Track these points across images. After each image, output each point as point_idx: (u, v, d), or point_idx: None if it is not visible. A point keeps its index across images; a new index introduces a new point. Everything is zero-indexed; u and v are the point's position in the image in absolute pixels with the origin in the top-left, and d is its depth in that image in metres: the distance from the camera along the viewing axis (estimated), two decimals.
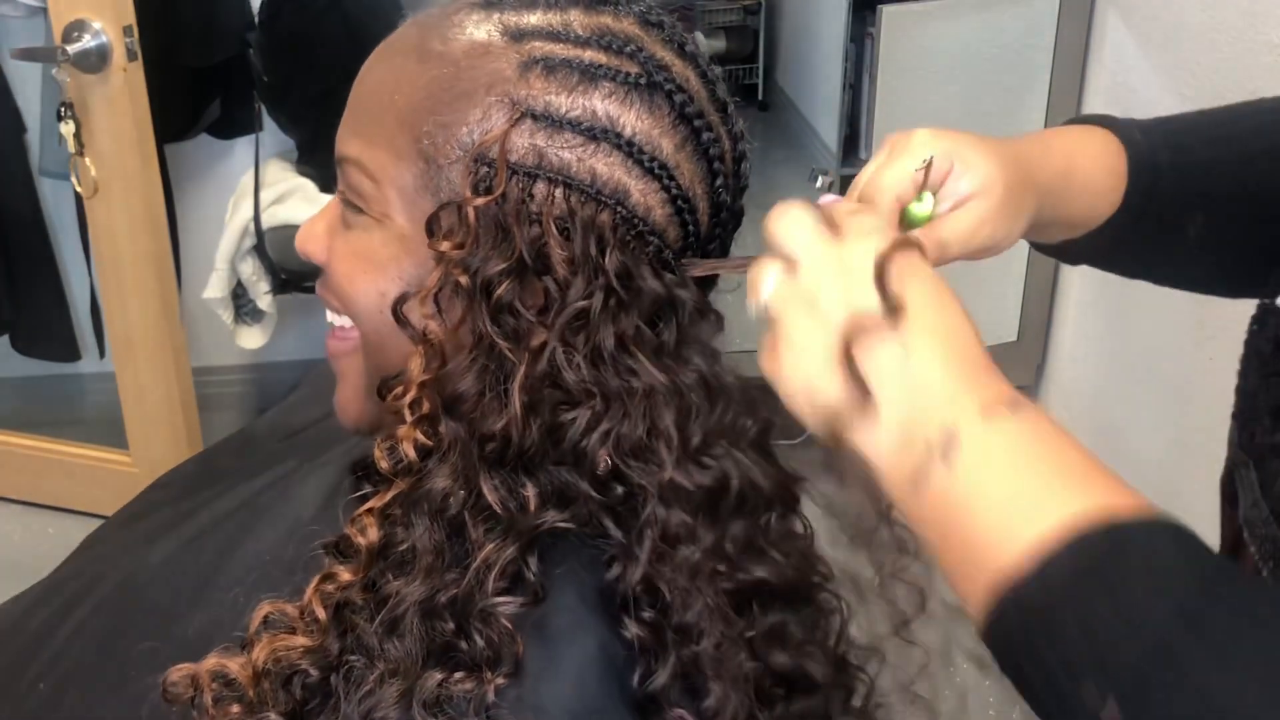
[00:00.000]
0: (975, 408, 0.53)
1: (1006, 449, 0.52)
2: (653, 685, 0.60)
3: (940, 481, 0.52)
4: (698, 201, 0.65)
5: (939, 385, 0.53)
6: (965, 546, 0.51)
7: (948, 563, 0.53)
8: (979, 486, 0.51)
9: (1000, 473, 0.51)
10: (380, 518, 0.62)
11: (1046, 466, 0.52)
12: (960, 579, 0.52)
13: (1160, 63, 2.04)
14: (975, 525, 0.51)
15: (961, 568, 0.52)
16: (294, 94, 2.31)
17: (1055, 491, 0.50)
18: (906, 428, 0.53)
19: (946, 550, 0.53)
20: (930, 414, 0.53)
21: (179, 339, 2.17)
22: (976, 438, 0.52)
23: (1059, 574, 0.48)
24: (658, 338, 0.63)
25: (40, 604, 0.85)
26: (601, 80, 0.62)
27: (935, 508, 0.52)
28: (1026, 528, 0.49)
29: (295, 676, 0.60)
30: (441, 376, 0.62)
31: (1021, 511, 0.50)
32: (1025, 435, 0.52)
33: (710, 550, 0.62)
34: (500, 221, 0.61)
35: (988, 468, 0.52)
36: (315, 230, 0.70)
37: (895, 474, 0.54)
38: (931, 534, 0.53)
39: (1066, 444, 0.52)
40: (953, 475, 0.52)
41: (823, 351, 0.54)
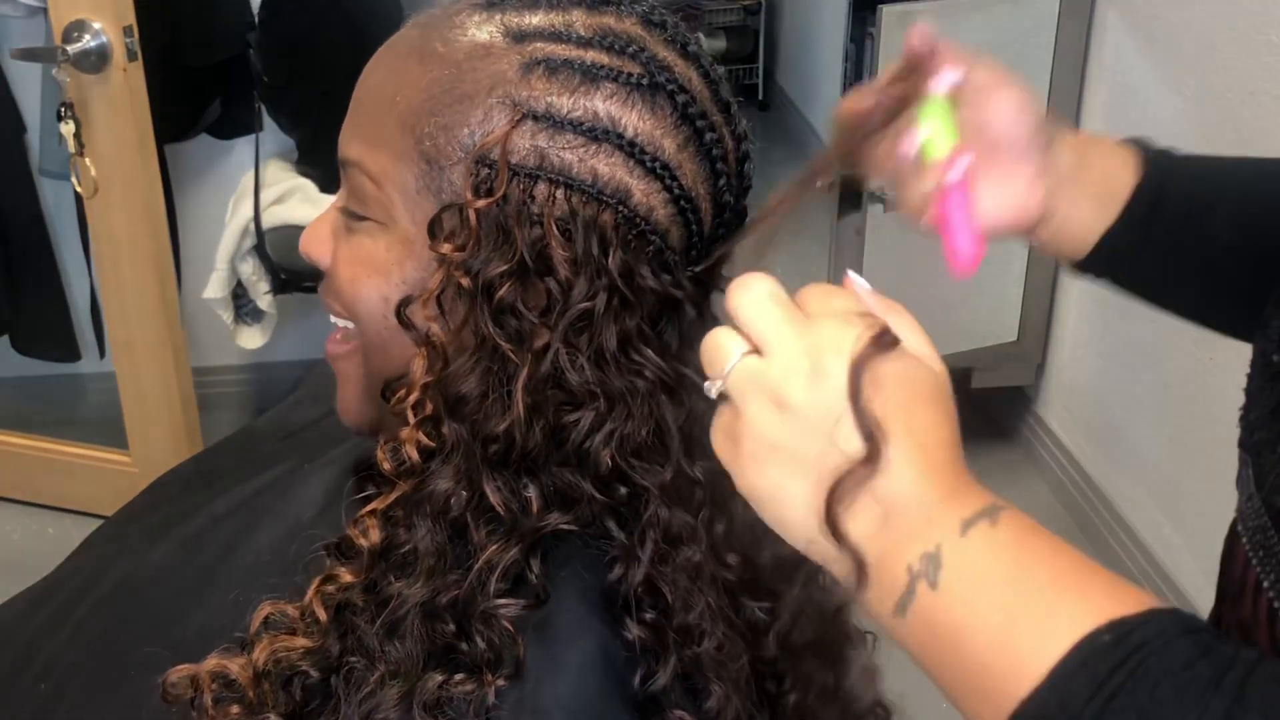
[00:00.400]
0: (955, 526, 0.50)
1: (993, 565, 0.50)
2: (653, 686, 0.60)
3: (928, 606, 0.50)
4: (700, 201, 0.65)
5: (915, 506, 0.50)
6: (967, 671, 0.49)
7: (946, 684, 0.51)
8: (972, 609, 0.49)
9: (991, 592, 0.49)
10: (382, 519, 0.61)
11: (1040, 577, 0.49)
12: (966, 701, 0.50)
13: (1160, 63, 2.04)
14: (975, 649, 0.49)
15: (966, 691, 0.50)
16: (294, 94, 2.31)
17: (1053, 604, 0.48)
18: (885, 554, 0.51)
19: (944, 673, 0.50)
20: (910, 539, 0.50)
21: (179, 339, 2.17)
22: (960, 558, 0.50)
23: (1078, 696, 0.46)
24: (660, 338, 0.63)
25: (40, 604, 0.85)
26: (603, 81, 0.62)
27: (927, 632, 0.50)
28: (1032, 646, 0.47)
29: (295, 678, 0.60)
30: (444, 378, 0.61)
31: (1024, 630, 0.48)
32: (1010, 546, 0.50)
33: (712, 550, 0.62)
34: (502, 223, 0.61)
35: (977, 588, 0.49)
36: (319, 233, 0.70)
37: (876, 601, 0.51)
38: (923, 657, 0.51)
39: (1052, 548, 0.50)
40: (941, 600, 0.49)
41: (797, 482, 0.52)
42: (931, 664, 0.51)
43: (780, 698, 0.65)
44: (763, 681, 0.64)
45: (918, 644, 0.51)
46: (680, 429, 0.62)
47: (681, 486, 0.62)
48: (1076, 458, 2.43)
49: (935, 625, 0.50)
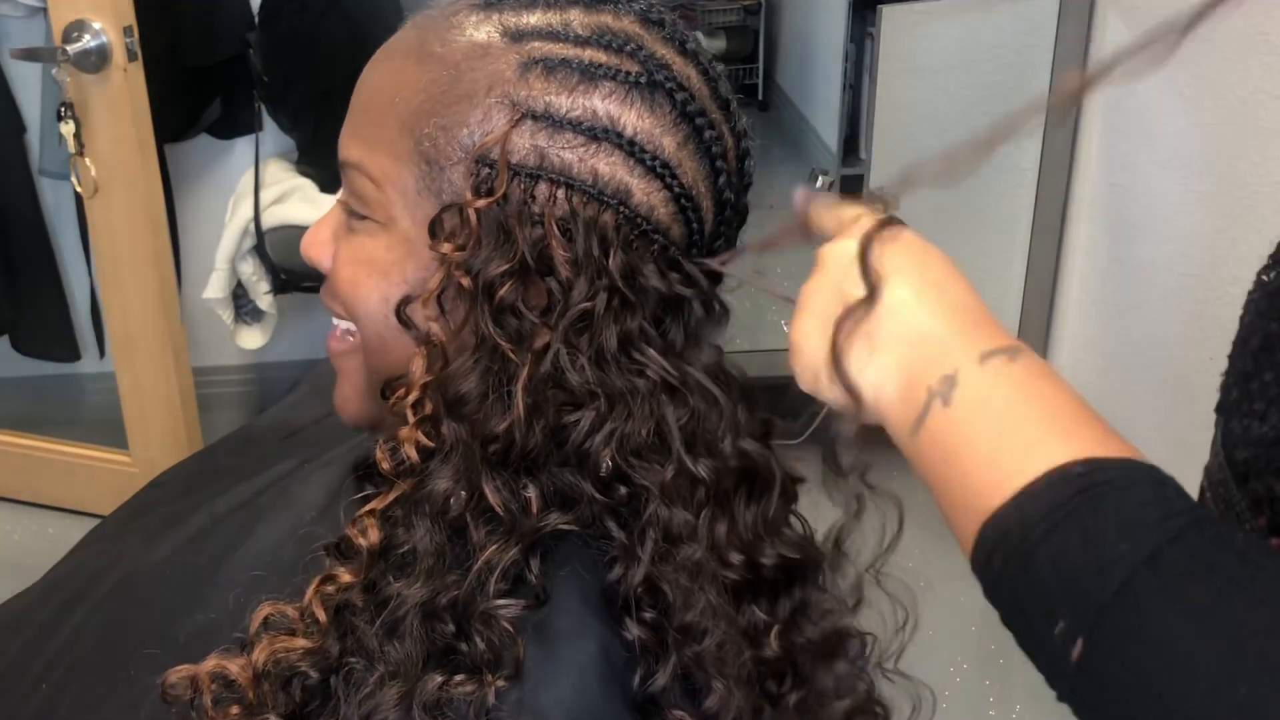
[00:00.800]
0: (974, 354, 0.55)
1: (1002, 393, 0.54)
2: (653, 686, 0.60)
3: (938, 423, 0.54)
4: (701, 199, 0.65)
5: (937, 336, 0.56)
6: (959, 485, 0.53)
7: (944, 502, 0.55)
8: (974, 428, 0.53)
9: (994, 416, 0.53)
10: (381, 519, 0.61)
11: (1038, 411, 0.53)
12: (954, 517, 0.54)
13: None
14: (968, 465, 0.53)
15: (955, 506, 0.54)
16: (294, 94, 2.31)
17: (1043, 436, 0.52)
18: (910, 377, 0.55)
19: (942, 490, 0.55)
20: (930, 363, 0.55)
21: (179, 339, 2.17)
22: (974, 382, 0.54)
23: (1036, 513, 0.50)
24: (663, 337, 0.63)
25: (39, 603, 0.85)
26: (602, 80, 0.62)
27: (933, 449, 0.55)
28: (1013, 469, 0.51)
29: (295, 678, 0.60)
30: (444, 378, 0.61)
31: (1010, 453, 0.52)
32: (1021, 381, 0.54)
33: (712, 548, 0.62)
34: (502, 223, 0.61)
35: (983, 410, 0.54)
36: (320, 236, 0.70)
37: (899, 420, 0.56)
38: (929, 475, 0.55)
39: (1060, 391, 0.54)
40: (950, 418, 0.54)
41: (815, 326, 0.58)
42: (934, 481, 0.55)
43: (781, 698, 0.64)
44: (764, 681, 0.63)
45: (925, 461, 0.55)
46: (683, 428, 0.62)
47: (682, 485, 0.61)
48: None
49: (939, 441, 0.54)
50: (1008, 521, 0.50)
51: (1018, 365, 0.55)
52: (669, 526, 0.61)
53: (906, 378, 0.56)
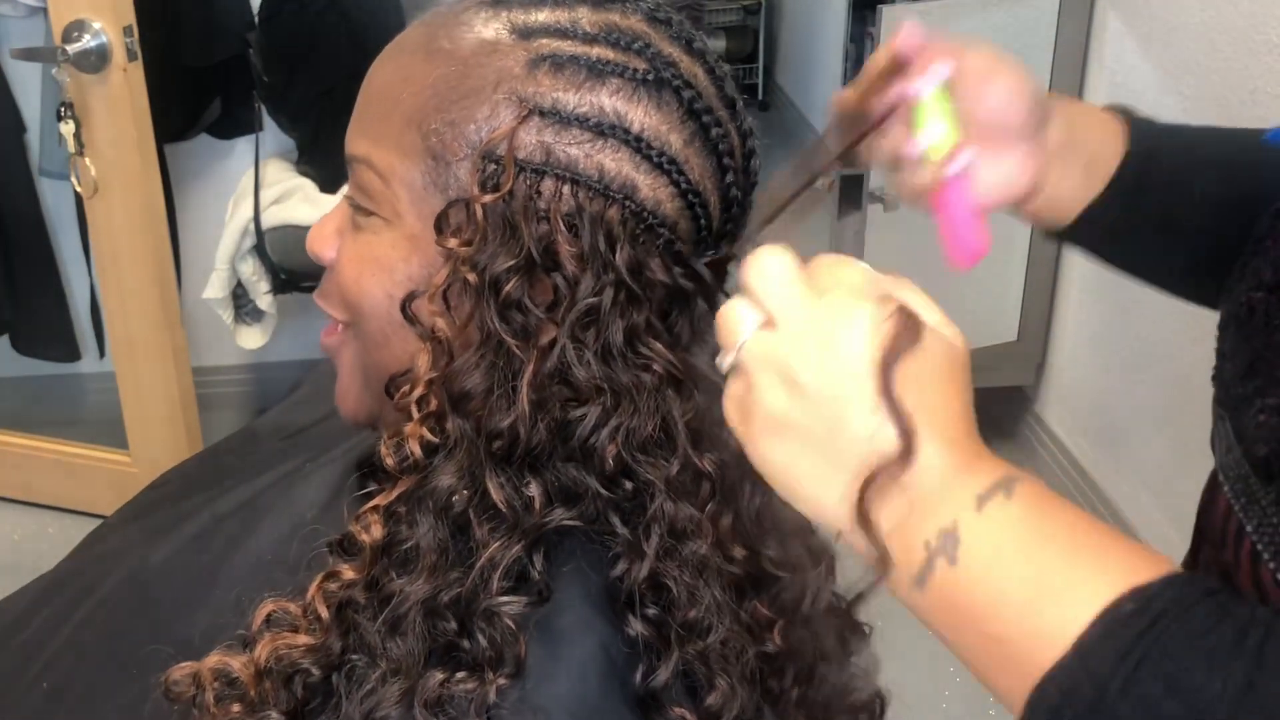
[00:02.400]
0: (969, 500, 0.51)
1: (1012, 539, 0.50)
2: (654, 682, 0.60)
3: (947, 580, 0.50)
4: (708, 196, 0.65)
5: (931, 485, 0.51)
6: (990, 645, 0.50)
7: (972, 659, 0.51)
8: (994, 585, 0.50)
9: (1014, 567, 0.50)
10: (385, 515, 0.61)
11: (1058, 549, 0.50)
12: (992, 675, 0.51)
13: (1160, 63, 2.04)
14: (998, 624, 0.49)
15: (992, 664, 0.50)
16: (294, 94, 2.31)
17: (1075, 576, 0.49)
18: (904, 531, 0.51)
19: (968, 646, 0.51)
20: (926, 515, 0.51)
21: (179, 339, 2.17)
22: (979, 533, 0.50)
23: (1104, 666, 0.47)
24: (669, 331, 0.63)
25: (41, 602, 0.85)
26: (609, 77, 0.62)
27: (947, 606, 0.51)
28: (1057, 621, 0.48)
29: (297, 675, 0.60)
30: (449, 374, 0.61)
31: (1047, 605, 0.49)
32: (1027, 518, 0.51)
33: (716, 544, 0.62)
34: (508, 218, 0.61)
35: (999, 564, 0.50)
36: (325, 231, 0.70)
37: (897, 574, 0.52)
38: (943, 631, 0.52)
39: (1069, 517, 0.51)
40: (963, 576, 0.50)
41: (808, 460, 0.52)
42: (952, 637, 0.51)
43: (783, 693, 0.65)
44: (765, 678, 0.64)
45: (937, 618, 0.51)
46: (688, 423, 0.62)
47: (687, 480, 0.62)
48: (1076, 458, 2.43)
49: (956, 601, 0.50)
50: (1073, 680, 0.47)
51: (1015, 502, 0.50)
52: (674, 522, 0.61)
53: (900, 530, 0.51)
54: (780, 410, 0.52)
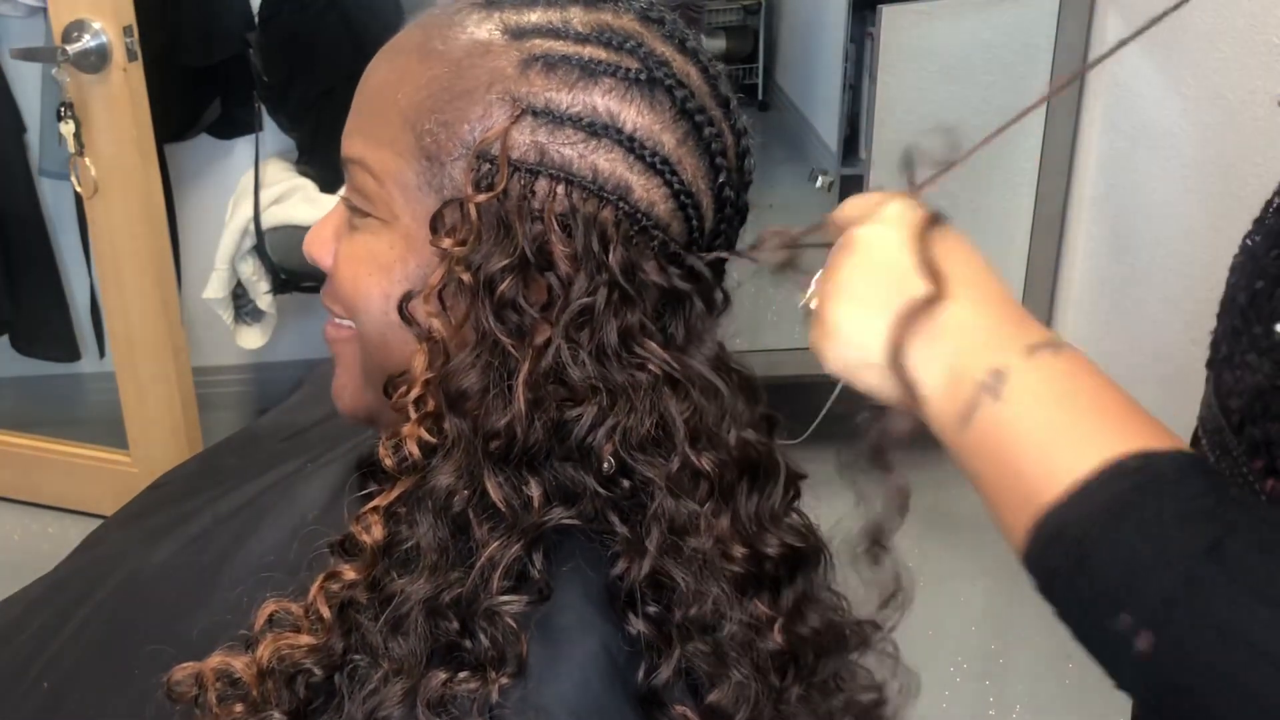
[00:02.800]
0: (1021, 348, 0.56)
1: (1051, 385, 0.55)
2: (656, 681, 0.60)
3: (989, 415, 0.55)
4: (701, 196, 0.65)
5: (985, 330, 0.57)
6: (1010, 477, 0.54)
7: (992, 495, 0.55)
8: (1025, 420, 0.54)
9: (1046, 410, 0.54)
10: (385, 516, 0.62)
11: (1088, 404, 0.54)
12: (1004, 510, 0.55)
13: (1160, 63, 2.04)
14: (1021, 457, 0.54)
15: (1006, 499, 0.54)
16: (294, 94, 2.31)
17: (1095, 428, 0.53)
18: (956, 370, 0.56)
19: (992, 483, 0.55)
20: (978, 356, 0.56)
21: (179, 339, 2.17)
22: (1023, 375, 0.55)
23: (1094, 506, 0.51)
24: (663, 331, 0.63)
25: (42, 603, 0.85)
26: (602, 76, 0.62)
27: (983, 441, 0.55)
28: (1067, 461, 0.52)
29: (299, 675, 0.60)
30: (445, 374, 0.62)
31: (1063, 446, 0.53)
32: (1068, 374, 0.55)
33: (718, 542, 0.62)
34: (502, 218, 0.61)
35: (1035, 405, 0.54)
36: (322, 234, 0.70)
37: (945, 413, 0.57)
38: (978, 467, 0.56)
39: (1104, 384, 0.55)
40: (1001, 409, 0.54)
41: (870, 318, 0.59)
42: (982, 476, 0.56)
43: (783, 691, 0.65)
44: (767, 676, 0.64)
45: (973, 455, 0.56)
46: (686, 421, 0.62)
47: (686, 478, 0.62)
48: None
49: (990, 434, 0.55)
50: (1065, 517, 0.51)
51: (1062, 358, 0.56)
52: (674, 519, 0.61)
53: (952, 370, 0.56)
54: (839, 305, 0.60)
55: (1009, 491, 0.54)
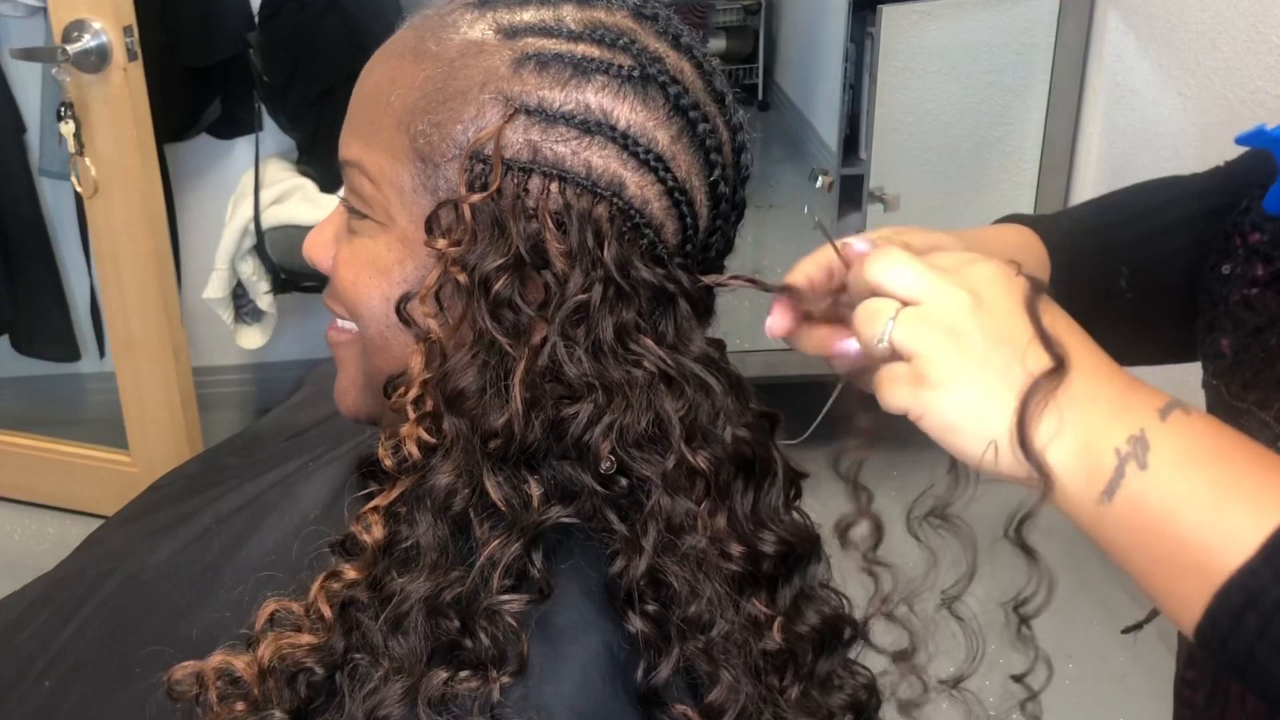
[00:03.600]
0: (1152, 413, 0.54)
1: (1198, 446, 0.53)
2: (656, 679, 0.60)
3: (1137, 486, 0.52)
4: (695, 193, 0.65)
5: (1109, 400, 0.54)
6: (1175, 550, 0.52)
7: (1149, 568, 0.53)
8: (1182, 485, 0.52)
9: (1202, 471, 0.52)
10: (385, 515, 0.62)
11: (1243, 461, 0.52)
12: (1168, 582, 0.52)
13: (1160, 63, 2.04)
14: (1185, 525, 0.51)
15: (1169, 570, 0.52)
16: (294, 94, 2.31)
17: (1262, 484, 0.51)
18: (1089, 444, 0.54)
19: (1148, 555, 0.53)
20: (1111, 427, 0.54)
21: (179, 339, 2.17)
22: (1167, 438, 0.53)
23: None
24: (655, 328, 0.63)
25: (43, 603, 0.85)
26: (594, 74, 0.62)
27: (1134, 513, 0.53)
28: (1245, 523, 0.50)
29: (300, 674, 0.60)
30: (443, 374, 0.62)
31: (1236, 508, 0.51)
32: (1208, 432, 0.54)
33: (715, 540, 0.62)
34: (497, 217, 0.61)
35: (1189, 468, 0.52)
36: (322, 237, 0.70)
37: (1082, 490, 0.54)
38: (1127, 541, 0.53)
39: (1245, 440, 0.54)
40: (1150, 478, 0.52)
41: (990, 398, 0.55)
42: (1135, 549, 0.53)
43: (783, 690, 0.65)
44: (766, 675, 0.64)
45: (1124, 529, 0.53)
46: (682, 419, 0.62)
47: (683, 476, 0.62)
48: None
49: (1144, 505, 0.52)
50: (1260, 579, 0.49)
51: (1194, 417, 0.54)
52: (671, 517, 0.61)
53: (1085, 445, 0.54)
54: (954, 365, 0.56)
55: (1171, 560, 0.52)
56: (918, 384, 0.57)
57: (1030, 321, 0.56)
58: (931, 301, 0.57)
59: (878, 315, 0.58)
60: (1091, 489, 0.54)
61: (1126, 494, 0.53)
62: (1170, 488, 0.52)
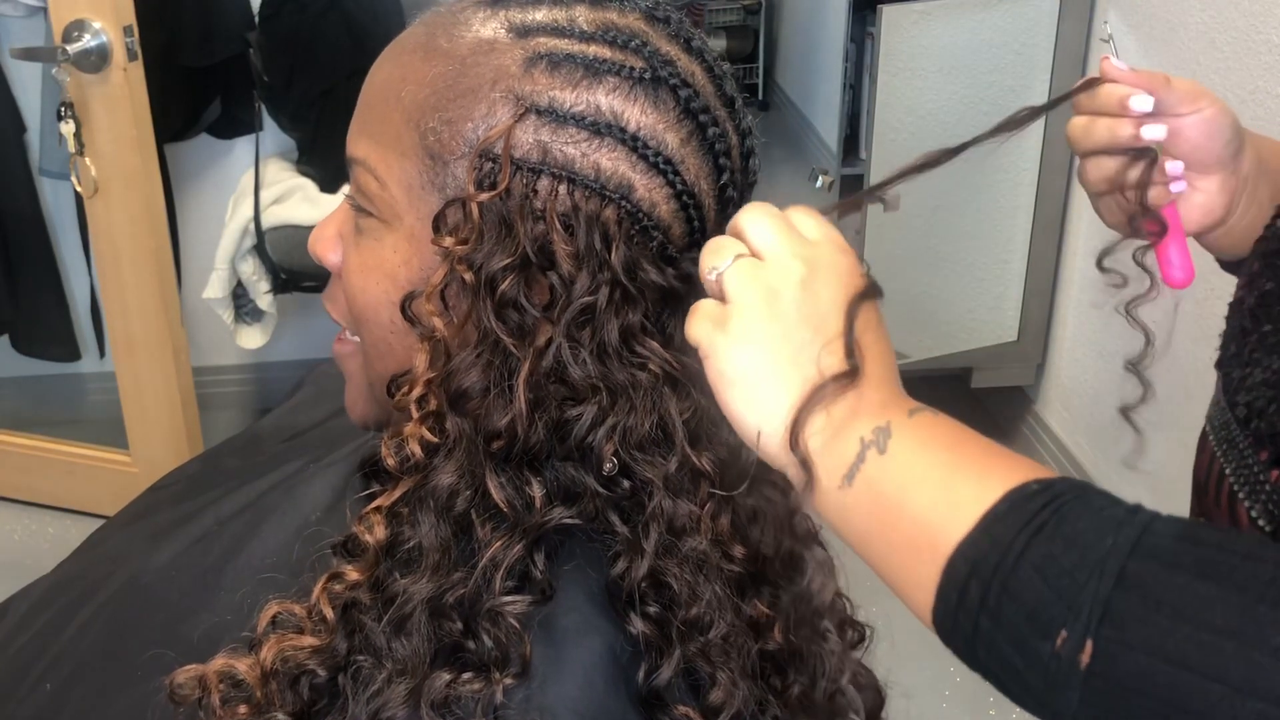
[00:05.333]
0: (903, 410, 0.57)
1: (935, 435, 0.56)
2: (657, 681, 0.60)
3: (875, 470, 0.55)
4: (703, 197, 0.65)
5: (873, 403, 0.57)
6: (909, 527, 0.53)
7: (885, 551, 0.55)
8: (915, 469, 0.54)
9: (937, 455, 0.55)
10: (387, 515, 0.61)
11: (976, 448, 0.55)
12: (903, 562, 0.54)
13: (1160, 63, 2.04)
14: (917, 505, 0.53)
15: (903, 550, 0.54)
16: (294, 93, 2.31)
17: (990, 466, 0.53)
18: (840, 430, 0.56)
19: (883, 537, 0.55)
20: (862, 419, 0.56)
21: (179, 339, 2.17)
22: (908, 429, 0.56)
23: (1008, 531, 0.50)
24: (662, 331, 0.63)
25: (44, 605, 0.85)
26: (606, 75, 0.62)
27: (871, 497, 0.55)
28: (970, 498, 0.52)
29: (303, 677, 0.60)
30: (447, 373, 0.62)
31: (963, 485, 0.53)
32: (949, 428, 0.56)
33: (716, 542, 0.62)
34: (504, 217, 0.61)
35: (924, 452, 0.55)
36: (326, 233, 0.70)
37: (826, 477, 0.56)
38: (865, 524, 0.55)
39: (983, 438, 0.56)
40: (889, 463, 0.55)
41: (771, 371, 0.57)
42: (871, 531, 0.55)
43: (784, 691, 0.65)
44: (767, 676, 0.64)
45: (861, 512, 0.55)
46: (686, 421, 0.62)
47: (685, 478, 0.62)
48: (1076, 458, 2.43)
49: (881, 488, 0.55)
50: (980, 547, 0.51)
51: (940, 417, 0.57)
52: (673, 519, 0.61)
53: (832, 433, 0.56)
54: (757, 324, 0.58)
55: (905, 541, 0.53)
56: (719, 326, 0.58)
57: (845, 320, 0.58)
58: (771, 261, 0.59)
59: (720, 251, 0.60)
60: (834, 476, 0.56)
61: (865, 477, 0.55)
62: (904, 471, 0.54)
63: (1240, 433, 0.70)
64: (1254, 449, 0.69)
